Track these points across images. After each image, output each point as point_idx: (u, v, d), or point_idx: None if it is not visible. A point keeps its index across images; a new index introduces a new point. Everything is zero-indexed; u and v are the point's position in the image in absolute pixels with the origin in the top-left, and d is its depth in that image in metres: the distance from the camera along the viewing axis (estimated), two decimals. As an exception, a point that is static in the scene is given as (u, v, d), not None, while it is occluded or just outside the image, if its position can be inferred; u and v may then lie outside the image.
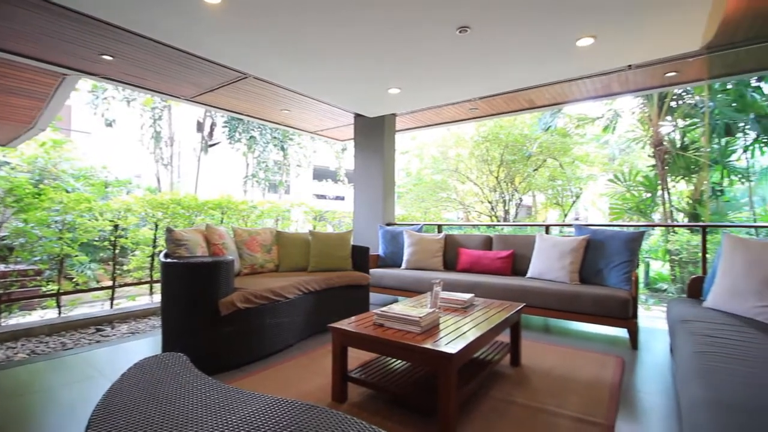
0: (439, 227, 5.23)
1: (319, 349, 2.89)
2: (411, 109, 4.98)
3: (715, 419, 1.12)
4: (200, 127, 14.52)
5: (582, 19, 2.68)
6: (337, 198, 21.35)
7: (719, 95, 6.40)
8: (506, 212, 10.22)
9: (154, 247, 5.47)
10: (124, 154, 15.89)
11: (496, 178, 10.15)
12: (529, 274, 3.70)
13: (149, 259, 5.48)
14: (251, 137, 13.34)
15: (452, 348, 1.67)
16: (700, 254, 3.86)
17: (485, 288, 3.51)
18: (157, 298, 5.36)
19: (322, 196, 21.38)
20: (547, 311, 3.24)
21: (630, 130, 8.48)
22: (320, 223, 8.62)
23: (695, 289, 2.82)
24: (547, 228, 4.51)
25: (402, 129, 6.00)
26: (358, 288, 3.60)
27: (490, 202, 10.47)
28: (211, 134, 14.98)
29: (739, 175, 6.53)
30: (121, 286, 5.32)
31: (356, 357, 2.47)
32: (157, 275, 5.45)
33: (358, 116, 5.36)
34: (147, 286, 5.66)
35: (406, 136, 13.29)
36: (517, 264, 3.96)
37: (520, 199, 10.52)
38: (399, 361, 2.23)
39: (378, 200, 5.23)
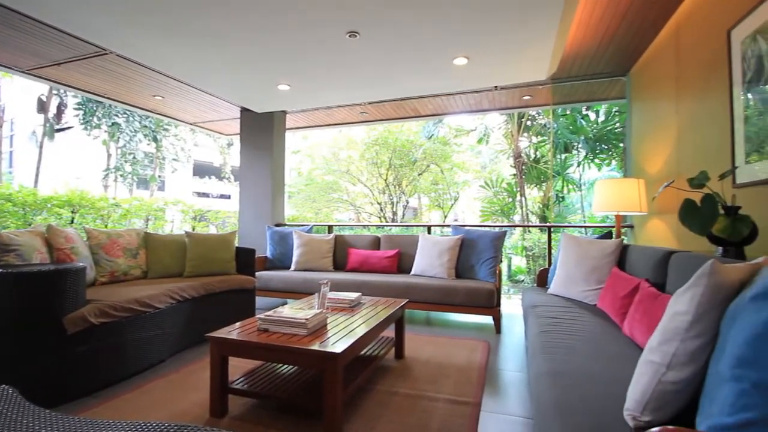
0: (330, 228, 5.25)
1: (198, 361, 2.64)
2: (302, 107, 4.89)
3: (552, 385, 1.36)
4: (43, 106, 11.91)
5: (458, 39, 2.99)
6: (222, 196, 19.76)
7: (560, 119, 7.79)
8: (394, 213, 10.76)
9: (-30, 254, 4.32)
10: None
11: (385, 180, 10.61)
12: (413, 272, 3.97)
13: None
14: (114, 123, 11.49)
15: (338, 347, 1.70)
16: (547, 249, 4.62)
17: (373, 286, 3.65)
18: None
19: (205, 195, 19.56)
20: (428, 305, 3.51)
21: (497, 143, 9.72)
22: (201, 223, 7.89)
23: (542, 279, 3.37)
24: (429, 228, 4.89)
25: (293, 127, 5.86)
26: (243, 292, 3.40)
27: (379, 204, 10.89)
28: (58, 116, 12.41)
29: (574, 185, 8.04)
30: None
31: (241, 366, 2.33)
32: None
33: (245, 110, 5.06)
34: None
35: (297, 135, 13.01)
36: (402, 262, 4.20)
37: (407, 201, 11.18)
38: (287, 366, 2.18)
39: (266, 200, 5.01)
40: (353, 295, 2.60)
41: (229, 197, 19.33)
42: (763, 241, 1.77)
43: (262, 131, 5.06)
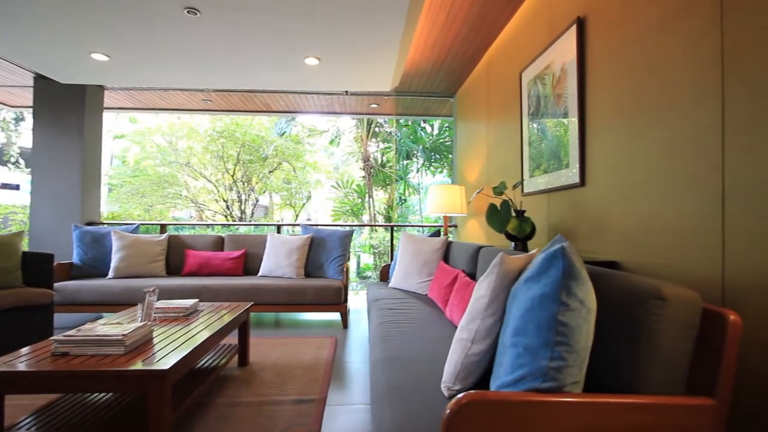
0: (163, 227, 4.59)
1: (-48, 407, 1.97)
2: (126, 84, 4.16)
3: (387, 371, 1.49)
4: None
5: (309, 39, 2.99)
6: (6, 186, 15.10)
7: (403, 128, 8.63)
8: (242, 212, 10.09)
9: None
10: None
11: (233, 176, 9.87)
12: (260, 273, 3.80)
13: None
14: None
15: (166, 363, 1.50)
16: (390, 247, 5.04)
17: (214, 290, 3.35)
18: None
19: (-27, 183, 14.61)
20: (276, 306, 3.42)
21: (349, 145, 10.13)
22: (-35, 221, 5.89)
23: (384, 274, 3.67)
24: (279, 228, 4.77)
25: (114, 107, 4.92)
26: (35, 309, 2.68)
27: (225, 201, 10.06)
28: None
29: (414, 189, 9.01)
30: None
31: (30, 404, 1.84)
32: None
33: (41, 78, 4.01)
34: None
35: (122, 116, 10.95)
36: (249, 263, 3.98)
37: (257, 200, 10.63)
38: (101, 393, 1.81)
39: (74, 192, 4.08)
40: (188, 302, 2.33)
41: (16, 188, 14.93)
42: (539, 237, 2.32)
43: (68, 107, 4.08)
